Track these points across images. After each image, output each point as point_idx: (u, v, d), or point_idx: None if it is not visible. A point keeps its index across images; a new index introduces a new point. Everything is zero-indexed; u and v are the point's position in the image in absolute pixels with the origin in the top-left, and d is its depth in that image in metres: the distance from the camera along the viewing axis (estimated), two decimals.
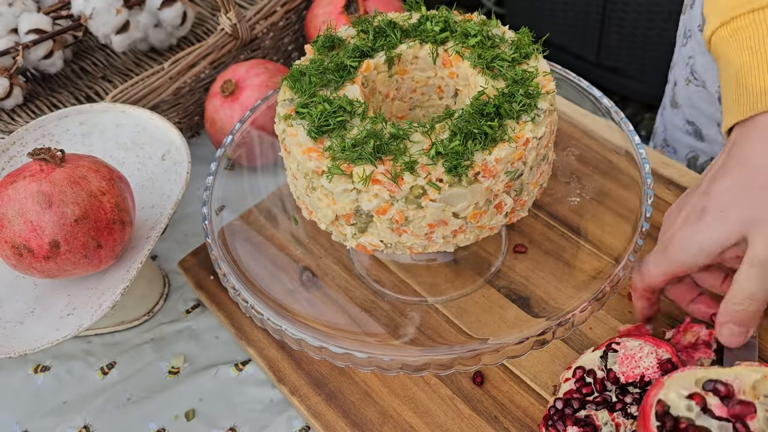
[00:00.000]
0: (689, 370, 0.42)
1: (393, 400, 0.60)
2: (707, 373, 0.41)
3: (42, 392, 0.66)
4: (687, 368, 0.42)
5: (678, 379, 0.42)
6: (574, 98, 0.72)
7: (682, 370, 0.42)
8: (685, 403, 0.40)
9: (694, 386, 0.41)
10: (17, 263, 0.60)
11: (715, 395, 0.40)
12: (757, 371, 0.40)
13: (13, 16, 0.86)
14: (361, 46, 0.60)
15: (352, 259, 0.68)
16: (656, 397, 0.41)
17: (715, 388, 0.40)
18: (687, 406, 0.40)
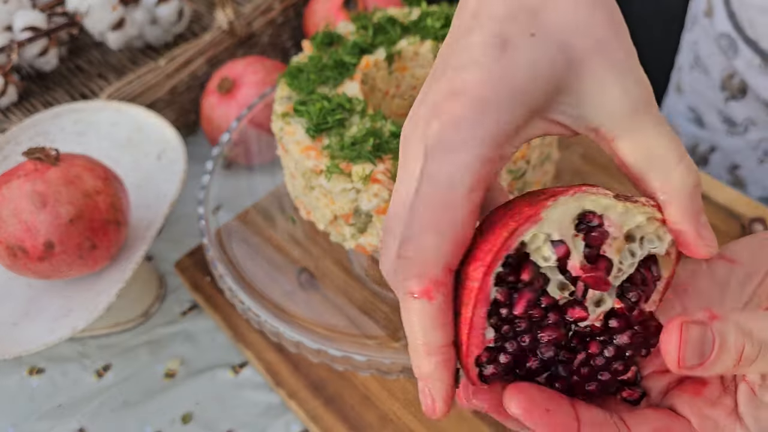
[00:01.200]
0: (579, 195, 0.30)
1: (393, 403, 0.59)
2: (595, 203, 0.30)
3: (37, 395, 0.65)
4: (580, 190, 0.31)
5: (560, 209, 0.30)
6: None
7: (573, 193, 0.30)
8: (548, 253, 0.30)
9: (571, 224, 0.30)
10: (11, 264, 0.60)
11: (584, 239, 0.30)
12: (645, 212, 0.31)
13: (7, 13, 0.85)
14: (360, 42, 0.59)
15: (351, 260, 0.68)
16: (519, 238, 0.29)
17: (589, 233, 0.30)
18: (545, 256, 0.30)
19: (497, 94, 0.29)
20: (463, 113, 0.29)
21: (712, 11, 0.79)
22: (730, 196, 0.70)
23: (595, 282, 0.30)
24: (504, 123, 0.29)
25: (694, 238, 0.31)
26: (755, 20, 0.71)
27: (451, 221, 0.29)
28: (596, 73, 0.30)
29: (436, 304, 0.29)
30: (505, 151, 0.30)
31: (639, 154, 0.31)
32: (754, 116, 0.77)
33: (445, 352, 0.29)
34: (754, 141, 0.79)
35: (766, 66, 0.71)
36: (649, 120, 0.31)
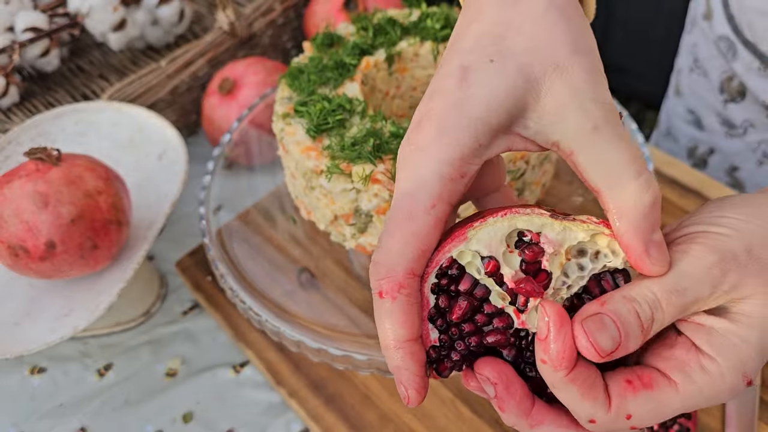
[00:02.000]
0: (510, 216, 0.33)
1: (393, 403, 0.59)
2: (529, 222, 0.33)
3: (38, 394, 0.65)
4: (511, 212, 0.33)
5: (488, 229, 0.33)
6: None
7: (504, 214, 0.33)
8: (478, 265, 0.33)
9: (502, 242, 0.33)
10: (13, 264, 0.60)
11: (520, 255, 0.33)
12: (587, 230, 0.33)
13: (9, 14, 0.85)
14: (360, 43, 0.59)
15: (351, 260, 0.68)
16: (448, 253, 0.33)
17: (523, 249, 0.33)
18: (478, 268, 0.33)
19: (453, 120, 0.33)
20: (426, 137, 0.33)
21: (711, 14, 0.79)
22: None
23: (526, 292, 0.33)
24: (462, 145, 0.32)
25: (640, 256, 0.32)
26: (754, 23, 0.71)
27: (413, 231, 0.32)
28: (554, 93, 0.32)
29: (398, 303, 0.32)
30: (465, 171, 0.33)
31: (596, 169, 0.33)
32: (753, 118, 0.77)
33: (410, 346, 0.33)
34: (753, 143, 0.79)
35: (764, 68, 0.72)
36: (608, 137, 0.32)
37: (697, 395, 0.32)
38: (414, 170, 0.33)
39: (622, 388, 0.33)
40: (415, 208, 0.32)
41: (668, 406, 0.32)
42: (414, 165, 0.33)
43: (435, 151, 0.32)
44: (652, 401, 0.32)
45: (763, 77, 0.72)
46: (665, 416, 0.33)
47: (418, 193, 0.33)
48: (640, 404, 0.32)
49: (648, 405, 0.32)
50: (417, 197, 0.32)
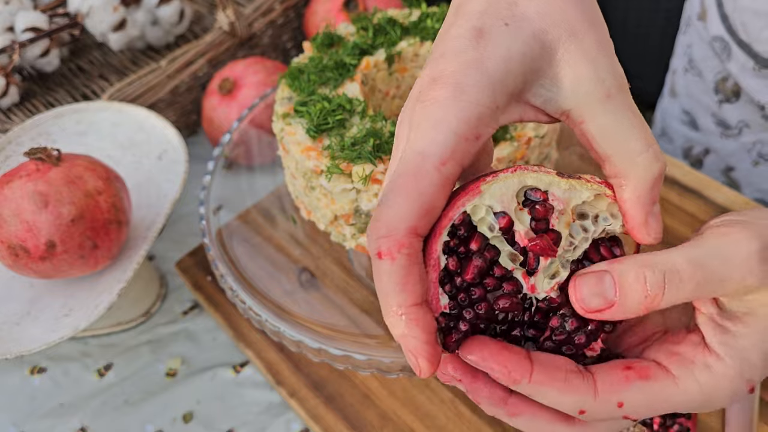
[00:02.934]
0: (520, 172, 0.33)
1: (393, 402, 0.59)
2: (537, 180, 0.33)
3: (38, 394, 0.65)
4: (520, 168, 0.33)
5: (500, 184, 0.33)
6: None
7: (513, 171, 0.33)
8: (491, 221, 0.32)
9: (513, 198, 0.33)
10: (13, 263, 0.60)
11: (530, 213, 0.32)
12: (591, 189, 0.33)
13: (9, 14, 0.85)
14: (360, 43, 0.59)
15: (351, 260, 0.68)
16: (462, 208, 0.32)
17: (534, 206, 0.32)
18: (490, 225, 0.32)
19: (472, 79, 0.31)
20: (441, 96, 0.31)
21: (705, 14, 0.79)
22: (727, 197, 0.71)
23: (540, 250, 0.32)
24: (481, 105, 0.31)
25: (640, 225, 0.33)
26: (748, 23, 0.71)
27: (418, 188, 0.30)
28: (569, 60, 0.32)
29: (398, 264, 0.30)
30: (481, 132, 0.31)
31: (606, 138, 0.32)
32: (747, 119, 0.78)
33: (414, 311, 0.30)
34: (748, 143, 0.79)
35: (759, 69, 0.72)
36: (620, 106, 0.32)
37: (696, 393, 0.32)
38: (427, 127, 0.31)
39: (615, 376, 0.32)
40: (424, 164, 0.30)
41: (663, 399, 0.32)
42: (427, 122, 0.31)
43: (452, 108, 0.31)
44: (646, 392, 0.32)
45: (758, 77, 0.72)
46: (660, 410, 0.32)
47: (429, 149, 0.30)
48: (633, 393, 0.32)
49: (641, 395, 0.32)
50: (427, 153, 0.30)
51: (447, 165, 0.30)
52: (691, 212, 0.70)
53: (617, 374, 0.32)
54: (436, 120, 0.31)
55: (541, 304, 0.33)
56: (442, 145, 0.30)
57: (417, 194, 0.30)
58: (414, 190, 0.30)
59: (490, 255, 0.32)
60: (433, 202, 0.31)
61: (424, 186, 0.30)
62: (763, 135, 0.77)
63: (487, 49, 0.32)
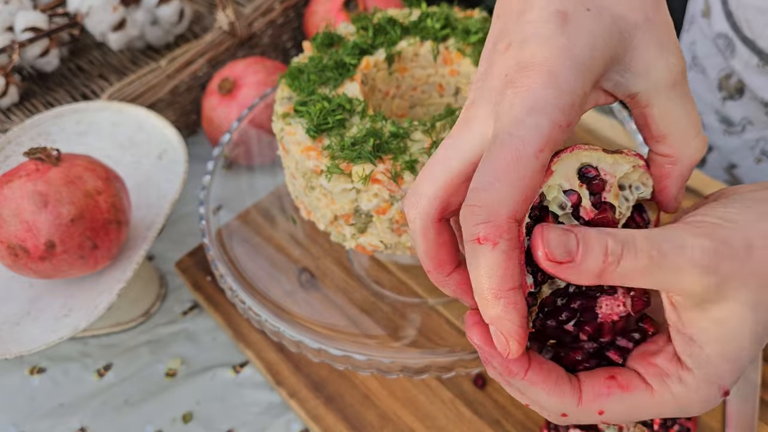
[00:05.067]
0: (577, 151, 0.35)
1: (393, 402, 0.59)
2: (590, 157, 0.35)
3: (38, 394, 0.65)
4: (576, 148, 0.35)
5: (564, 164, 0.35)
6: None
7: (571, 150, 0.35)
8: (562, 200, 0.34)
9: (575, 176, 0.35)
10: (13, 263, 0.60)
11: (587, 189, 0.35)
12: (630, 161, 0.36)
13: (9, 13, 0.85)
14: (360, 43, 0.59)
15: (351, 260, 0.68)
16: (539, 190, 0.34)
17: (591, 182, 0.35)
18: (561, 203, 0.34)
19: (565, 66, 0.32)
20: (535, 83, 0.32)
21: (709, 11, 0.79)
22: None
23: (605, 223, 0.34)
24: (573, 92, 0.32)
25: (672, 199, 0.36)
26: (753, 20, 0.71)
27: (520, 175, 0.31)
28: (644, 47, 0.34)
29: (500, 249, 0.30)
30: (572, 120, 0.32)
31: (666, 121, 0.35)
32: (751, 116, 0.78)
33: (511, 295, 0.31)
34: (752, 141, 0.79)
35: (763, 65, 0.72)
36: (682, 92, 0.35)
37: (671, 404, 0.33)
38: (522, 113, 0.31)
39: (598, 385, 0.33)
40: (524, 151, 0.31)
41: (640, 409, 0.33)
42: (522, 108, 0.31)
43: (548, 96, 0.31)
44: (625, 402, 0.33)
45: (762, 74, 0.72)
46: (636, 418, 0.34)
47: (528, 136, 0.31)
48: (613, 403, 0.33)
49: (621, 405, 0.33)
50: (527, 140, 0.31)
51: (544, 152, 0.31)
52: None
53: (601, 384, 0.33)
54: (531, 107, 0.31)
55: None
56: (540, 132, 0.31)
57: (518, 180, 0.30)
58: (516, 177, 0.30)
59: None
60: (532, 189, 0.31)
61: (524, 172, 0.31)
62: (766, 132, 0.77)
63: (573, 35, 0.32)
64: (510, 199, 0.30)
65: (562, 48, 0.32)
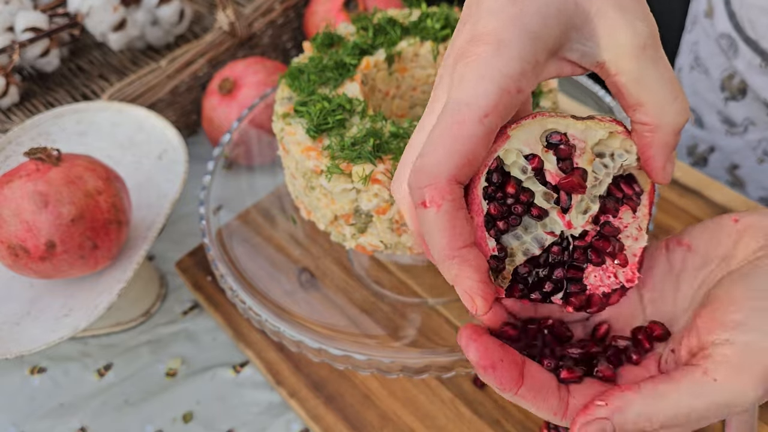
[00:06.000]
0: (540, 118, 0.35)
1: (393, 402, 0.59)
2: (556, 123, 0.35)
3: (38, 394, 0.65)
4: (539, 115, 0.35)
5: (525, 129, 0.35)
6: (576, 96, 0.71)
7: (534, 117, 0.35)
8: (522, 164, 0.35)
9: (538, 141, 0.35)
10: (13, 263, 0.60)
11: (554, 154, 0.35)
12: (605, 127, 0.35)
13: (9, 14, 0.85)
14: (360, 43, 0.59)
15: (351, 260, 0.68)
16: (495, 154, 0.34)
17: (557, 147, 0.35)
18: (522, 168, 0.35)
19: (513, 35, 0.32)
20: (484, 51, 0.32)
21: (712, 11, 0.79)
22: (727, 197, 0.71)
23: (572, 186, 0.35)
24: (522, 59, 0.32)
25: (659, 168, 0.35)
26: (756, 20, 0.71)
27: (461, 139, 0.31)
28: (604, 12, 0.33)
29: (444, 210, 0.31)
30: (522, 86, 0.32)
31: (638, 88, 0.34)
32: (753, 116, 0.78)
33: (465, 252, 0.32)
34: (754, 141, 0.79)
35: (766, 66, 0.72)
36: (653, 57, 0.34)
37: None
38: (471, 81, 0.32)
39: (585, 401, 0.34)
40: (467, 116, 0.31)
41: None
42: (471, 76, 0.32)
43: (496, 63, 0.32)
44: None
45: (765, 75, 0.72)
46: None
47: (473, 102, 0.31)
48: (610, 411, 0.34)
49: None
50: (472, 106, 0.31)
51: (489, 117, 0.31)
52: (692, 212, 0.70)
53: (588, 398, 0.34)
54: (479, 74, 0.32)
55: (578, 242, 0.36)
56: (486, 98, 0.31)
57: (459, 144, 0.31)
58: (456, 140, 0.31)
59: (525, 197, 0.35)
60: (475, 153, 0.32)
61: (466, 136, 0.31)
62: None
63: (524, 4, 0.33)
64: (450, 163, 0.31)
65: (512, 17, 0.32)
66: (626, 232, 0.37)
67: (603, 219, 0.36)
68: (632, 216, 0.37)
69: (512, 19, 0.32)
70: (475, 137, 0.31)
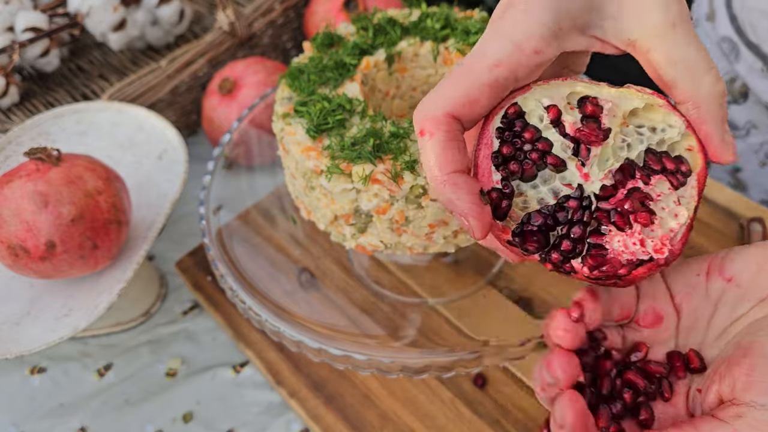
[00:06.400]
0: (570, 81, 0.36)
1: (393, 402, 0.59)
2: (588, 88, 0.35)
3: (38, 394, 0.65)
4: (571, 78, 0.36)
5: (551, 87, 0.36)
6: None
7: (565, 79, 0.36)
8: (541, 113, 0.35)
9: (563, 99, 0.35)
10: (13, 263, 0.60)
11: (580, 112, 0.35)
12: (643, 98, 0.35)
13: (9, 14, 0.85)
14: (360, 43, 0.59)
15: (351, 260, 0.68)
16: (513, 99, 0.35)
17: (582, 103, 0.35)
18: (540, 116, 0.35)
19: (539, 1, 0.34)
20: (510, 15, 0.35)
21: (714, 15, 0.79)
22: (729, 197, 0.70)
23: (586, 136, 0.35)
24: (542, 24, 0.34)
25: (719, 142, 0.34)
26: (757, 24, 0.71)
27: (464, 81, 0.34)
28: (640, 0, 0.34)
29: (437, 139, 0.34)
30: (540, 48, 0.34)
31: (672, 64, 0.34)
32: (755, 120, 0.78)
33: (455, 177, 0.34)
34: (756, 144, 0.79)
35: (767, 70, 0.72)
36: (683, 33, 0.34)
37: None
38: (491, 36, 0.35)
39: None
40: (477, 62, 0.34)
41: None
42: (494, 33, 0.35)
43: (517, 24, 0.34)
44: None
45: (766, 78, 0.72)
46: None
47: (486, 52, 0.34)
48: None
49: None
50: (483, 54, 0.34)
51: (500, 68, 0.34)
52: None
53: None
54: (501, 33, 0.35)
55: (602, 203, 0.34)
56: (499, 50, 0.34)
57: (463, 85, 0.34)
58: (461, 81, 0.34)
59: (543, 146, 0.35)
60: (476, 95, 0.34)
61: (471, 79, 0.34)
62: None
63: None
64: (450, 99, 0.34)
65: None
66: (661, 203, 0.34)
67: (631, 185, 0.34)
68: (669, 188, 0.34)
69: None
70: (478, 81, 0.34)
